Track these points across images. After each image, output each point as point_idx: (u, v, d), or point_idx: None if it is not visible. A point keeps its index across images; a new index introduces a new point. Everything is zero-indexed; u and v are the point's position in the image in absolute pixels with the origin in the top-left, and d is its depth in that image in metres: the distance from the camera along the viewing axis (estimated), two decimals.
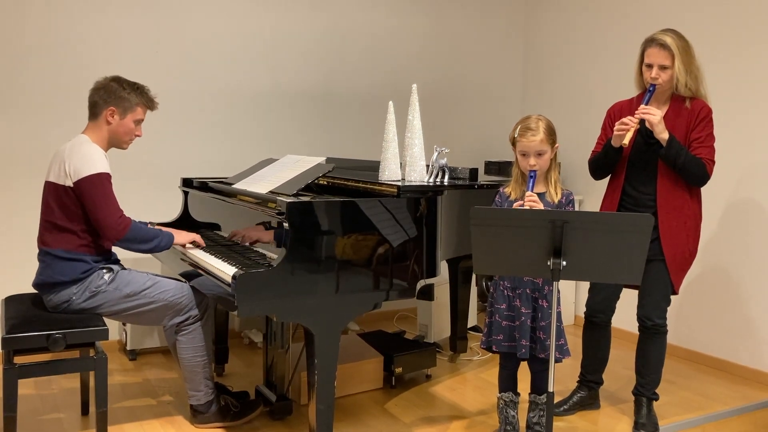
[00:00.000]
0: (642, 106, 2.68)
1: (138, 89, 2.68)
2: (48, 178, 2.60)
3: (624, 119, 2.68)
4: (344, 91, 4.39)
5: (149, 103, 2.73)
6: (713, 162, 2.72)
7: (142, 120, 2.73)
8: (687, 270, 2.82)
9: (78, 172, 2.50)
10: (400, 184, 2.70)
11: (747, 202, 3.58)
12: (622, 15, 4.27)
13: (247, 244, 2.75)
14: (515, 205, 2.46)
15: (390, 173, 2.90)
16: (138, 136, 2.74)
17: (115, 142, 2.70)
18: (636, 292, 2.87)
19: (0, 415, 2.37)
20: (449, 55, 4.78)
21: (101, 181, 2.51)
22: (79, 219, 2.55)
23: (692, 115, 2.72)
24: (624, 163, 2.83)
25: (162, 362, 3.60)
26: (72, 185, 2.51)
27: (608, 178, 2.93)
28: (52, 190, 2.57)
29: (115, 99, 2.63)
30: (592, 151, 2.95)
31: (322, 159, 2.88)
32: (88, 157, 2.52)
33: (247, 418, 2.83)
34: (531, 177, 2.47)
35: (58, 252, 2.54)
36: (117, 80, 2.66)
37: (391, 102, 2.97)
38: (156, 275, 2.76)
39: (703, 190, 2.82)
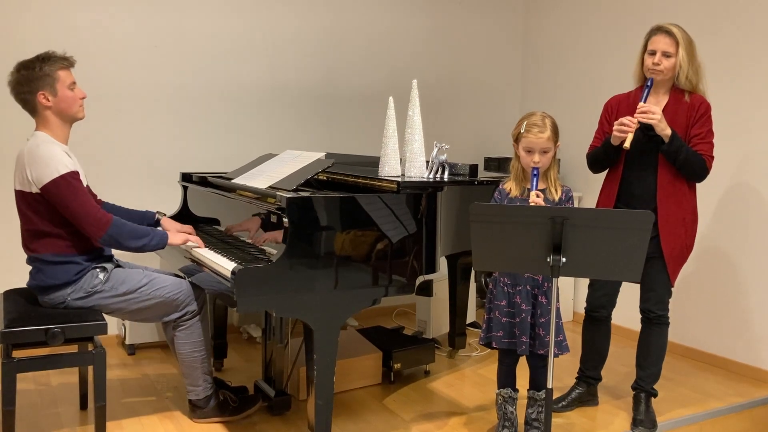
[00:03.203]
0: (641, 104, 2.66)
1: (45, 59, 2.50)
2: (15, 186, 2.51)
3: (624, 120, 2.67)
4: (344, 88, 4.38)
5: (65, 62, 2.54)
6: (712, 158, 2.73)
7: (74, 81, 2.56)
8: (683, 264, 2.83)
9: (40, 179, 2.40)
10: (399, 179, 2.69)
11: (744, 200, 3.58)
12: (620, 12, 4.26)
13: (249, 241, 2.74)
14: None
15: (390, 169, 2.90)
16: (83, 98, 2.59)
17: (68, 118, 2.56)
18: (635, 286, 2.88)
19: None
20: (449, 52, 4.77)
21: (66, 182, 2.41)
22: (58, 222, 2.48)
23: (692, 109, 2.72)
24: (623, 154, 2.82)
25: (161, 357, 3.60)
26: (39, 191, 2.43)
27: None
28: (22, 199, 2.49)
29: (36, 83, 2.47)
30: (591, 146, 2.94)
31: (321, 154, 2.87)
32: (47, 160, 2.41)
33: (246, 413, 2.83)
34: (534, 175, 2.46)
35: (47, 257, 2.49)
36: (23, 66, 2.50)
37: (391, 97, 2.96)
38: (153, 271, 2.76)
39: (700, 186, 2.82)
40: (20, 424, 2.70)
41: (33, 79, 2.48)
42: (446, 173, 2.96)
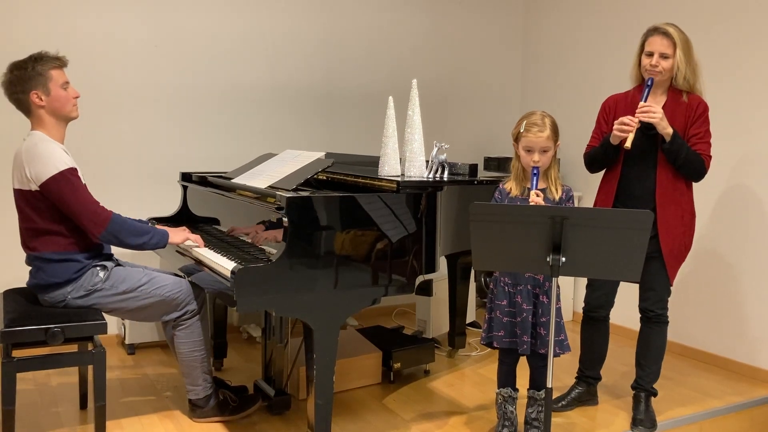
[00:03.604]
0: (642, 103, 2.66)
1: (37, 59, 2.50)
2: (14, 185, 2.52)
3: (624, 119, 2.66)
4: (344, 88, 4.38)
5: (57, 62, 2.54)
6: (710, 157, 2.74)
7: (67, 81, 2.56)
8: (682, 263, 2.84)
9: (39, 176, 2.41)
10: (399, 179, 2.69)
11: (743, 200, 3.58)
12: (620, 12, 4.26)
13: (249, 240, 2.74)
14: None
15: (389, 168, 2.90)
16: (77, 97, 2.59)
17: (62, 117, 2.56)
18: (634, 286, 2.87)
19: None
20: (449, 52, 4.77)
21: (66, 178, 2.42)
22: (58, 219, 2.48)
23: (690, 109, 2.72)
24: (622, 153, 2.82)
25: (161, 357, 3.60)
26: (38, 188, 2.43)
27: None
28: (21, 197, 2.49)
29: (29, 82, 2.48)
30: (588, 145, 2.94)
31: (321, 154, 2.88)
32: (45, 158, 2.42)
33: (246, 412, 2.83)
34: (534, 174, 2.46)
35: (47, 255, 2.49)
36: (15, 67, 2.51)
37: (390, 97, 2.96)
38: (152, 270, 2.75)
39: (699, 185, 2.82)
40: (20, 423, 2.70)
41: (26, 79, 2.49)
42: (446, 173, 2.96)
